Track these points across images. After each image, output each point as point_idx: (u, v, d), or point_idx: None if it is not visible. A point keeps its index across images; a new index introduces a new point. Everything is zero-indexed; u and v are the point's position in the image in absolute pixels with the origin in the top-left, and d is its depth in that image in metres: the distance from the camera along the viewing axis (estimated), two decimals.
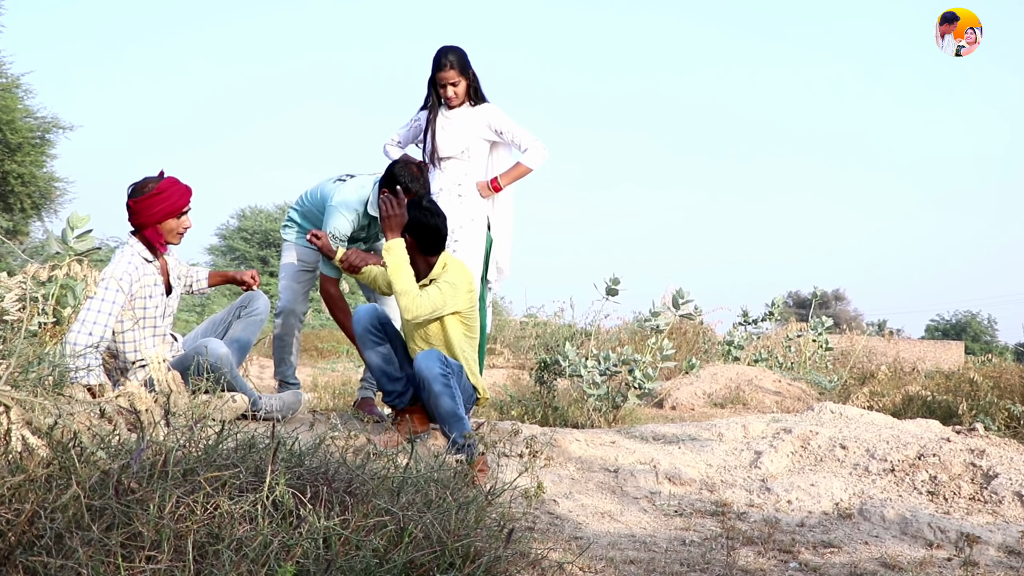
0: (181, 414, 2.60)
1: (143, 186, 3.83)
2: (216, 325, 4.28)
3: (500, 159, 4.80)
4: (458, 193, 4.64)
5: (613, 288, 7.20)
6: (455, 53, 4.59)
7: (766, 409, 7.47)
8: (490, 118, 4.67)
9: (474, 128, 4.65)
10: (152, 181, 3.84)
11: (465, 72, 4.61)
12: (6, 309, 3.50)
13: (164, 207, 3.82)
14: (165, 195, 3.82)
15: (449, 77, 4.57)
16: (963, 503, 3.83)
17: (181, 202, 3.86)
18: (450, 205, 4.59)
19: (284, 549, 1.97)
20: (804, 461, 4.28)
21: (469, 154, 4.66)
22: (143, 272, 3.87)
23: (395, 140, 4.87)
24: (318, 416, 4.39)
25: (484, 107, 4.68)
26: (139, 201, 3.81)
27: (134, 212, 3.83)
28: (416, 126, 4.80)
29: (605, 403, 5.98)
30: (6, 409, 2.24)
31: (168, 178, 3.87)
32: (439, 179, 4.68)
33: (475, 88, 4.67)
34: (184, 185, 3.89)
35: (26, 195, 14.99)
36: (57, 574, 1.82)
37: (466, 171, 4.66)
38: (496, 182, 4.67)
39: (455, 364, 3.89)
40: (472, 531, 2.27)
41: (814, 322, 10.49)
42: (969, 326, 40.19)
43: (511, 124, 4.68)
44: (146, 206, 3.80)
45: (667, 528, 3.46)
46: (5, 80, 14.53)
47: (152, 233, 3.85)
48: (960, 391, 6.31)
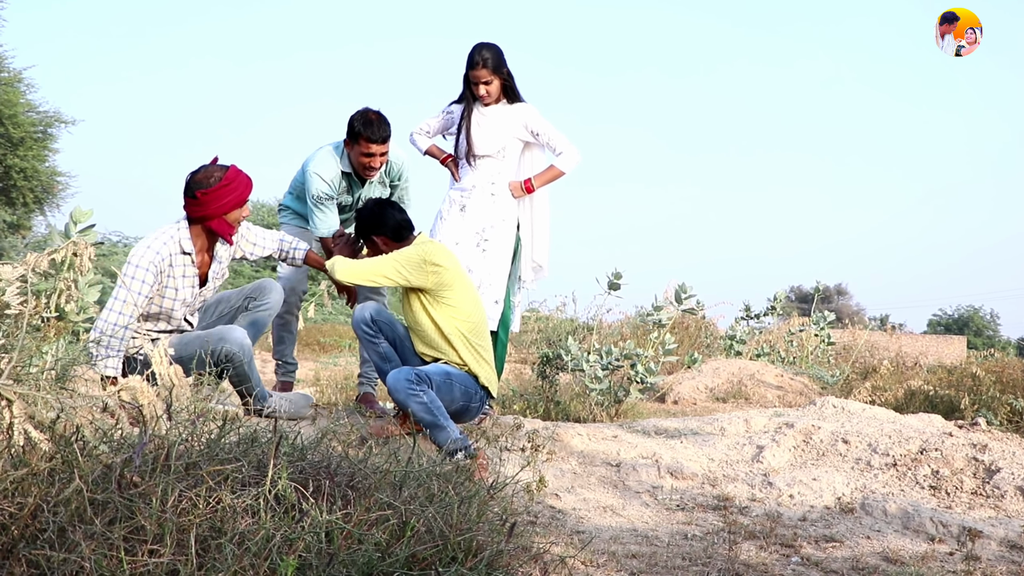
0: (183, 408, 2.60)
1: (207, 177, 3.72)
2: (223, 306, 4.16)
3: (532, 159, 4.75)
4: (491, 192, 4.60)
5: (615, 283, 7.20)
6: (490, 50, 4.52)
7: (768, 404, 7.47)
8: (527, 118, 4.62)
9: (510, 127, 4.60)
10: (216, 170, 3.74)
11: (499, 71, 4.54)
12: (7, 303, 3.50)
13: (233, 198, 3.74)
14: (233, 186, 3.74)
15: (482, 76, 4.51)
16: (965, 497, 3.83)
17: (246, 192, 3.79)
18: (482, 203, 4.56)
19: (286, 543, 1.97)
20: (806, 456, 4.28)
21: (504, 153, 4.62)
22: (173, 262, 3.78)
23: (424, 129, 4.81)
24: (320, 411, 4.39)
25: (521, 107, 4.63)
26: (208, 192, 3.70)
27: (201, 203, 3.71)
28: (448, 117, 4.75)
29: (607, 397, 5.98)
30: (8, 403, 2.24)
31: (231, 167, 3.78)
32: (472, 176, 4.64)
33: (510, 87, 4.61)
34: (247, 175, 3.82)
35: (28, 190, 15.00)
36: (60, 568, 1.82)
37: (500, 170, 4.63)
38: (529, 183, 4.64)
39: (432, 371, 3.78)
40: (474, 525, 2.27)
41: (816, 317, 10.47)
42: (972, 321, 40.16)
43: (547, 126, 4.64)
44: (215, 197, 3.71)
45: (669, 522, 3.46)
46: (7, 75, 14.53)
47: (219, 224, 3.77)
48: (962, 386, 6.30)
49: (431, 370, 3.81)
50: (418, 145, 4.84)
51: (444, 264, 3.88)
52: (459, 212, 4.61)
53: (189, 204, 3.75)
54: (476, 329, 3.98)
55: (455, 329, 3.91)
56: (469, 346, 3.94)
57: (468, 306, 3.96)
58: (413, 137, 4.85)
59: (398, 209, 4.06)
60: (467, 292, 3.98)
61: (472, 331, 3.96)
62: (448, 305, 3.90)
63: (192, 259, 3.84)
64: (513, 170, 4.67)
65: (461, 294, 3.94)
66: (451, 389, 3.84)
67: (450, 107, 4.75)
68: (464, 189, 4.64)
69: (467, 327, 3.94)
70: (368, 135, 4.26)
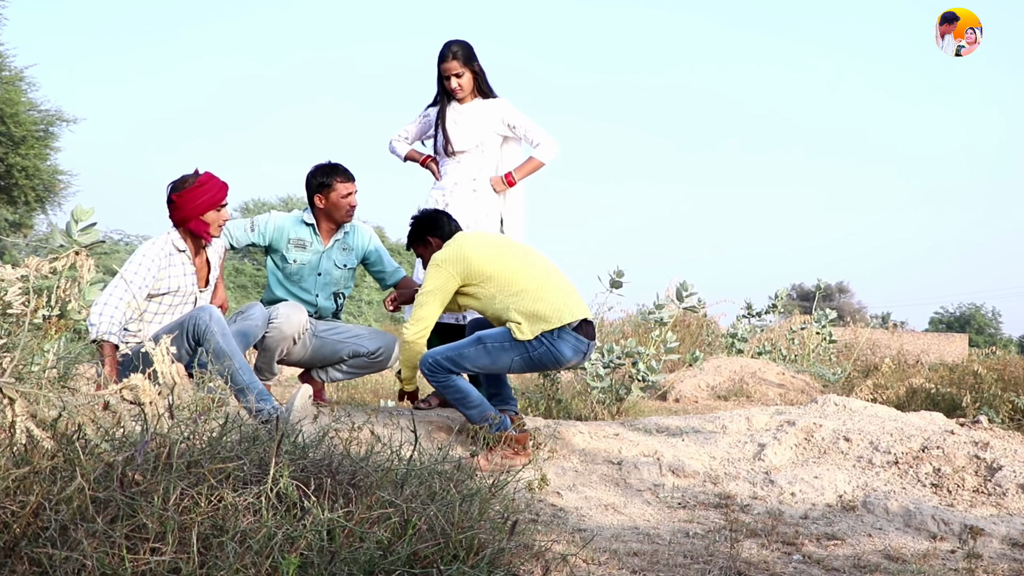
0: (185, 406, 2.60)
1: (183, 181, 3.98)
2: None
3: (511, 153, 4.79)
4: (472, 188, 4.64)
5: (617, 280, 7.19)
6: (459, 44, 4.60)
7: (770, 402, 7.47)
8: (503, 112, 4.67)
9: (487, 122, 4.65)
10: (191, 177, 4.00)
11: (469, 63, 4.61)
12: (9, 302, 3.50)
13: (206, 199, 3.95)
14: (206, 187, 3.96)
15: (452, 68, 4.58)
16: (967, 495, 3.82)
17: (221, 194, 4.00)
18: (464, 200, 4.58)
19: (288, 541, 1.97)
20: (808, 453, 4.28)
21: (483, 148, 4.66)
22: (170, 261, 3.98)
23: (402, 136, 4.86)
24: (322, 408, 4.39)
25: (496, 101, 4.68)
26: (182, 195, 3.94)
27: (177, 206, 3.96)
28: (425, 120, 4.80)
29: (609, 396, 5.98)
30: (10, 402, 2.24)
31: (206, 172, 4.02)
32: (453, 174, 4.67)
33: (482, 81, 4.67)
34: (221, 180, 4.04)
35: (30, 188, 15.00)
36: (62, 566, 1.83)
37: (480, 166, 4.66)
38: (510, 176, 4.67)
39: (458, 346, 3.84)
40: (476, 523, 2.27)
41: (818, 314, 10.47)
42: (973, 319, 40.13)
43: (523, 118, 4.69)
44: (189, 199, 3.94)
45: (671, 520, 3.46)
46: (8, 73, 14.53)
47: (196, 224, 3.98)
48: (964, 384, 6.30)
49: (459, 345, 3.86)
50: (397, 151, 4.87)
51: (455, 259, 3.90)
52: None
53: (169, 209, 4.01)
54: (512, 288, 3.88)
55: (499, 302, 3.87)
56: (516, 305, 3.84)
57: (494, 274, 3.89)
58: (392, 144, 4.88)
59: (452, 218, 4.16)
60: (504, 264, 3.91)
61: (514, 292, 3.86)
62: (485, 285, 3.89)
63: (188, 256, 4.03)
64: (493, 165, 4.71)
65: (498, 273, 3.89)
66: (486, 353, 3.83)
67: (426, 110, 4.80)
68: (445, 188, 4.66)
69: (504, 291, 3.87)
70: (341, 176, 4.40)
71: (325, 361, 4.51)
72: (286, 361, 4.50)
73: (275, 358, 4.41)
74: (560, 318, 3.82)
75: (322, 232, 4.50)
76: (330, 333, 4.47)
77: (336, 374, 4.59)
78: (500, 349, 3.83)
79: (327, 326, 4.49)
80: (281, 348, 4.36)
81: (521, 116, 4.68)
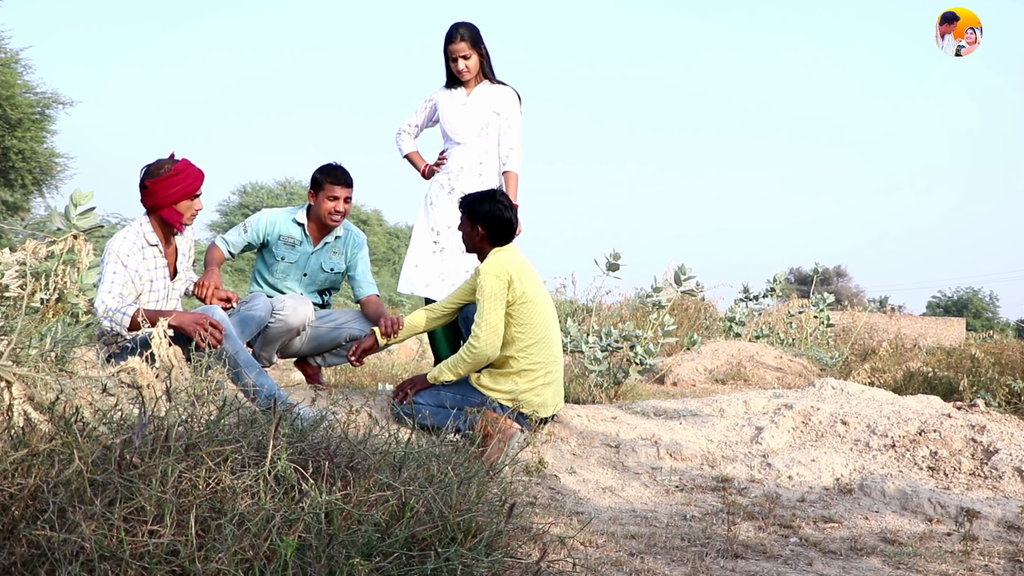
0: (183, 389, 2.60)
1: (158, 167, 3.87)
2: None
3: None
4: (479, 172, 4.62)
5: (614, 264, 7.19)
6: (466, 27, 4.58)
7: (767, 385, 7.49)
8: (506, 100, 4.65)
9: (491, 104, 4.63)
10: (167, 163, 3.89)
11: (476, 46, 4.59)
12: (7, 285, 3.50)
13: (180, 188, 3.86)
14: (181, 176, 3.86)
15: (460, 50, 4.56)
16: (963, 478, 3.84)
17: (196, 184, 3.91)
18: (470, 184, 4.57)
19: (286, 523, 1.97)
20: (805, 437, 4.29)
21: (487, 131, 4.64)
22: (145, 255, 3.89)
23: (409, 128, 4.83)
24: (319, 392, 4.39)
25: (505, 88, 4.67)
26: (156, 182, 3.84)
27: (150, 192, 3.86)
28: (430, 106, 4.77)
29: (606, 379, 5.99)
30: (8, 385, 2.24)
31: (182, 160, 3.92)
32: (460, 156, 4.65)
33: (488, 66, 4.65)
34: (198, 168, 3.95)
35: (27, 171, 14.95)
36: (60, 548, 1.83)
37: (486, 149, 4.65)
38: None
39: (425, 406, 3.83)
40: (473, 506, 2.28)
41: (815, 298, 10.48)
42: (971, 303, 40.20)
43: (516, 119, 4.67)
44: (163, 187, 3.84)
45: (668, 503, 3.48)
46: (4, 55, 14.45)
47: (169, 213, 3.89)
48: (961, 367, 6.32)
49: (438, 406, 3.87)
50: (401, 147, 4.86)
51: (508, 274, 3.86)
52: (448, 196, 4.61)
53: (142, 194, 3.90)
54: (544, 367, 3.91)
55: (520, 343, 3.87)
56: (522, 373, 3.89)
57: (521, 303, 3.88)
58: (398, 139, 4.85)
59: (511, 228, 4.00)
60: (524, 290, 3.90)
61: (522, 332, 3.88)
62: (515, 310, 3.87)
63: (160, 250, 3.96)
64: (495, 148, 4.67)
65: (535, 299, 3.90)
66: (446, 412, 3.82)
67: (431, 96, 4.76)
68: (451, 172, 4.65)
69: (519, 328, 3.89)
70: (332, 179, 4.38)
71: (323, 350, 4.52)
72: (284, 353, 4.50)
73: (276, 349, 4.41)
74: (538, 413, 3.91)
75: (312, 233, 4.50)
76: (324, 321, 4.47)
77: (332, 359, 4.60)
78: (463, 400, 3.87)
79: (319, 315, 4.49)
80: (283, 340, 4.37)
81: (516, 114, 4.67)
